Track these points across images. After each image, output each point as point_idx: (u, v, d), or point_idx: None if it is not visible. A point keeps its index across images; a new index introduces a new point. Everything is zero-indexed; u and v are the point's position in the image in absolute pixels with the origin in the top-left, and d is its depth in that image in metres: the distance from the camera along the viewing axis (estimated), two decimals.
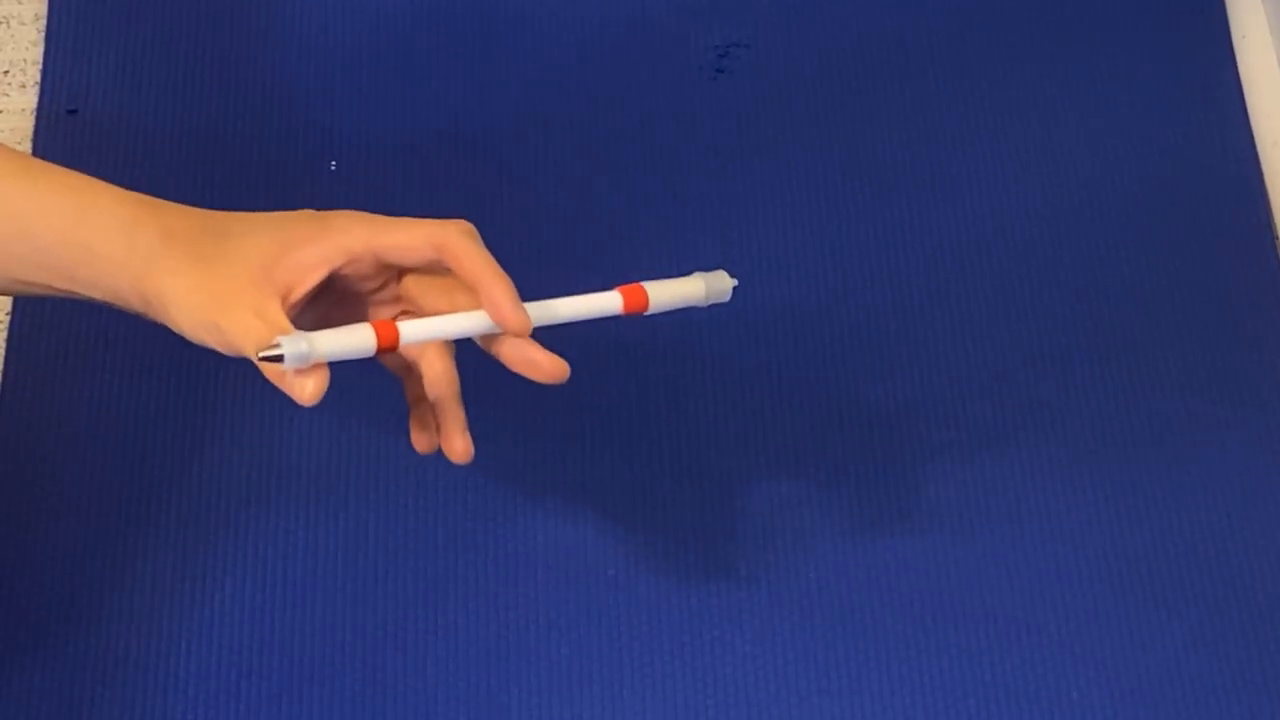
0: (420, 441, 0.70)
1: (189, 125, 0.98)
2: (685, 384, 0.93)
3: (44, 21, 1.02)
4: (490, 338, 0.67)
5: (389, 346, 0.64)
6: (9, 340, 0.91)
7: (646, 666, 0.85)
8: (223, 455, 0.88)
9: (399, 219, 0.66)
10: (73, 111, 0.98)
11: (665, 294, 0.69)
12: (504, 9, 1.04)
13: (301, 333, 0.61)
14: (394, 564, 0.86)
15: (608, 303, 0.69)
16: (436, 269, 0.66)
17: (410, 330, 0.64)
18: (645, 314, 0.69)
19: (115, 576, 0.85)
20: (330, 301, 0.66)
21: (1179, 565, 0.89)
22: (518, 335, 0.65)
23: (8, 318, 0.92)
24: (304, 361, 0.60)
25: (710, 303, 0.71)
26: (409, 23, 1.03)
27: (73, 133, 0.98)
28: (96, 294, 0.65)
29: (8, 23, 1.02)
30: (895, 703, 0.84)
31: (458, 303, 0.66)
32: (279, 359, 0.60)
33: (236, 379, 0.90)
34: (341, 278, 0.65)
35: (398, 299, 0.68)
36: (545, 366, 0.67)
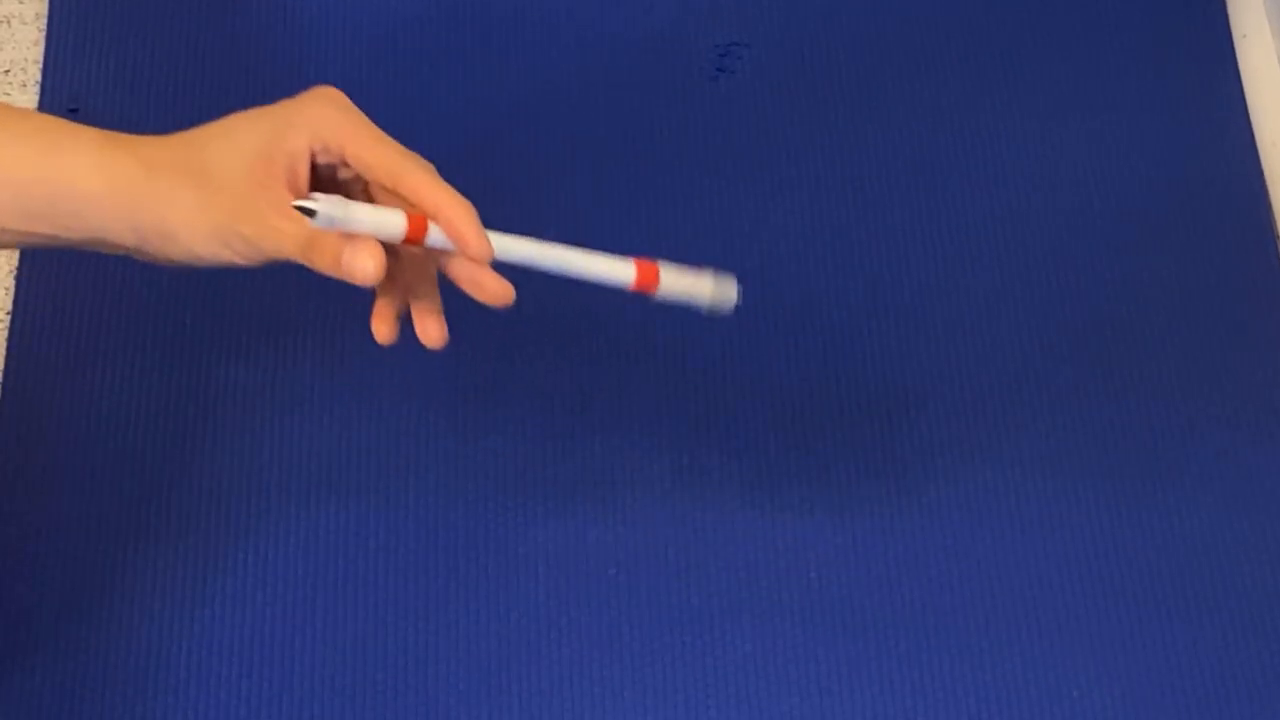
0: (382, 331, 0.68)
1: (189, 125, 0.98)
2: (685, 383, 0.93)
3: (45, 21, 1.02)
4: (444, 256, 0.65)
5: (415, 239, 0.62)
6: (9, 340, 0.91)
7: (646, 666, 0.85)
8: (223, 455, 0.88)
9: (372, 131, 0.64)
10: (73, 111, 0.98)
11: (676, 282, 0.68)
12: (504, 10, 1.04)
13: (338, 197, 0.60)
14: (394, 564, 0.86)
15: (620, 272, 0.67)
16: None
17: (436, 233, 0.63)
18: (649, 296, 0.68)
19: (115, 576, 0.85)
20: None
21: (1179, 565, 0.89)
22: (477, 260, 0.64)
23: (8, 317, 0.92)
24: (334, 223, 0.60)
25: (711, 308, 0.69)
26: (408, 23, 1.03)
27: None
28: (78, 236, 0.63)
29: (9, 22, 1.02)
30: (895, 702, 0.84)
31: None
32: (311, 214, 0.59)
33: (236, 379, 0.90)
34: (323, 166, 0.64)
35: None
36: (490, 287, 0.66)
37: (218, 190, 0.61)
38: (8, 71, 1.00)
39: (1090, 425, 0.93)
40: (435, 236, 0.63)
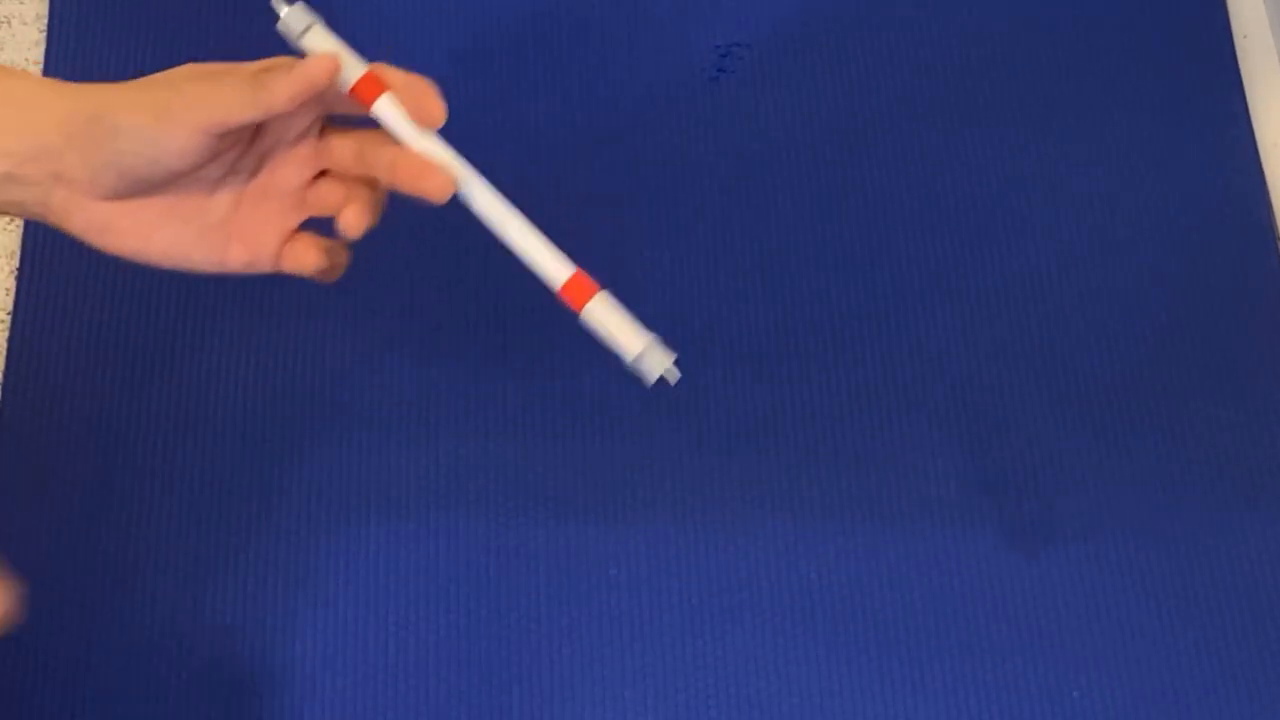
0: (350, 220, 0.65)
1: None
2: (685, 383, 0.93)
3: (45, 21, 1.02)
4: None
5: (370, 91, 0.62)
6: (9, 340, 0.91)
7: (647, 666, 0.85)
8: (223, 456, 0.89)
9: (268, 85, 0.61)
10: None
11: (603, 318, 0.64)
12: (504, 10, 1.04)
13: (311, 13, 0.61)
14: (394, 564, 0.86)
15: (554, 270, 0.64)
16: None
17: (385, 105, 0.63)
18: (574, 312, 0.64)
19: (116, 575, 0.85)
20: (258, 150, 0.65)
21: (1180, 565, 0.89)
22: (431, 123, 0.65)
23: (8, 317, 0.92)
24: (298, 27, 0.62)
25: (633, 369, 0.64)
26: (408, 24, 1.03)
27: None
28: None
29: (9, 22, 1.02)
30: (895, 702, 0.84)
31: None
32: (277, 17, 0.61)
33: (236, 379, 0.90)
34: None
35: (317, 155, 0.66)
36: (435, 176, 0.65)
37: (164, 82, 0.61)
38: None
39: (1091, 425, 0.93)
40: (385, 108, 0.62)
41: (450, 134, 0.99)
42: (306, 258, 0.65)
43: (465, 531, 0.87)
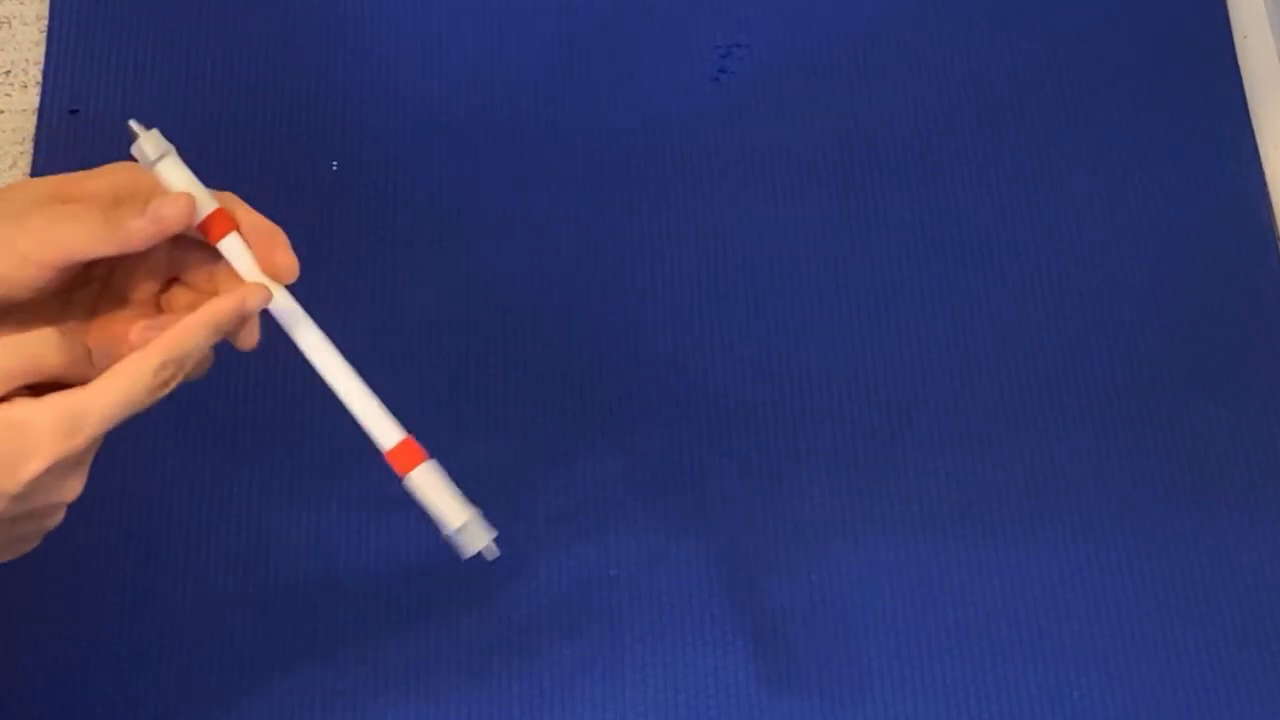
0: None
1: (190, 125, 0.98)
2: (685, 384, 0.93)
3: (46, 22, 1.02)
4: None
5: (220, 227, 0.61)
6: None
7: (647, 667, 0.85)
8: (220, 454, 0.89)
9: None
10: (74, 111, 0.98)
11: (426, 489, 0.64)
12: (504, 10, 1.04)
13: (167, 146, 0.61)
14: (394, 564, 0.86)
15: (384, 432, 0.64)
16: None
17: (232, 243, 0.62)
18: (397, 475, 0.64)
19: (115, 575, 0.85)
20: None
21: (1181, 566, 0.89)
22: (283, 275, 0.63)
23: None
24: (152, 154, 0.60)
25: (451, 539, 0.65)
26: (408, 25, 1.03)
27: (74, 132, 0.98)
28: None
29: (9, 23, 1.02)
30: (896, 703, 0.84)
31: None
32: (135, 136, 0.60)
33: (236, 380, 0.90)
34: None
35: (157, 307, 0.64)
36: (247, 334, 0.63)
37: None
38: (8, 72, 1.00)
39: (1091, 426, 0.93)
40: (232, 245, 0.62)
41: (448, 139, 0.99)
42: (143, 337, 0.62)
43: None
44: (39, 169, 0.96)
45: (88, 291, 0.64)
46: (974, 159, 1.01)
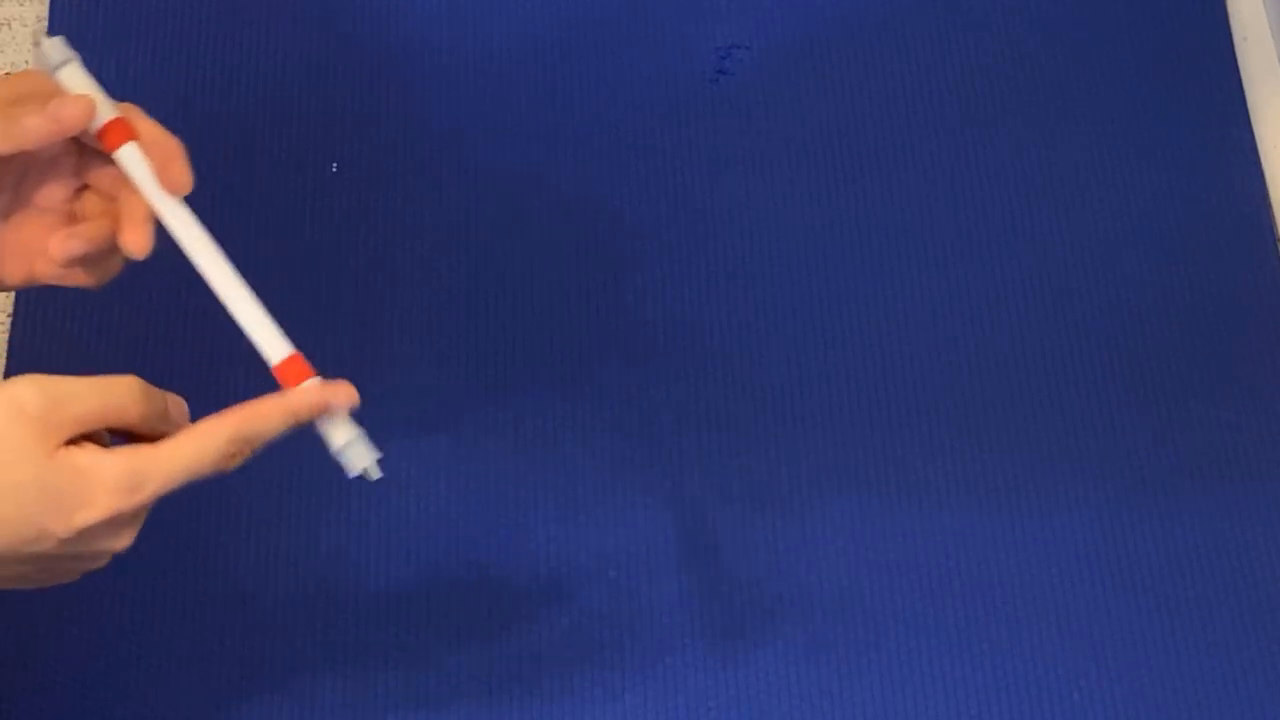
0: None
1: (189, 126, 0.98)
2: (687, 385, 0.93)
3: (45, 24, 1.02)
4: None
5: (119, 136, 0.61)
6: (10, 340, 0.91)
7: (647, 668, 0.85)
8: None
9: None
10: None
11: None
12: (504, 10, 1.04)
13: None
14: (394, 565, 0.86)
15: (272, 347, 0.64)
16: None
17: (129, 152, 0.62)
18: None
19: (115, 575, 0.85)
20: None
21: (1182, 566, 0.89)
22: (176, 189, 0.63)
23: (8, 319, 0.92)
24: (56, 59, 0.61)
25: (336, 456, 0.64)
26: (408, 25, 1.03)
27: None
28: None
29: (9, 25, 1.02)
30: (896, 702, 0.84)
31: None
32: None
33: (235, 381, 0.90)
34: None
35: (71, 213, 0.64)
36: (137, 236, 0.63)
37: None
38: (8, 74, 1.00)
39: (1092, 426, 0.93)
40: (129, 154, 0.62)
41: (448, 140, 0.99)
42: (65, 246, 0.63)
43: (465, 533, 0.87)
44: None
45: None
46: (973, 159, 1.01)
